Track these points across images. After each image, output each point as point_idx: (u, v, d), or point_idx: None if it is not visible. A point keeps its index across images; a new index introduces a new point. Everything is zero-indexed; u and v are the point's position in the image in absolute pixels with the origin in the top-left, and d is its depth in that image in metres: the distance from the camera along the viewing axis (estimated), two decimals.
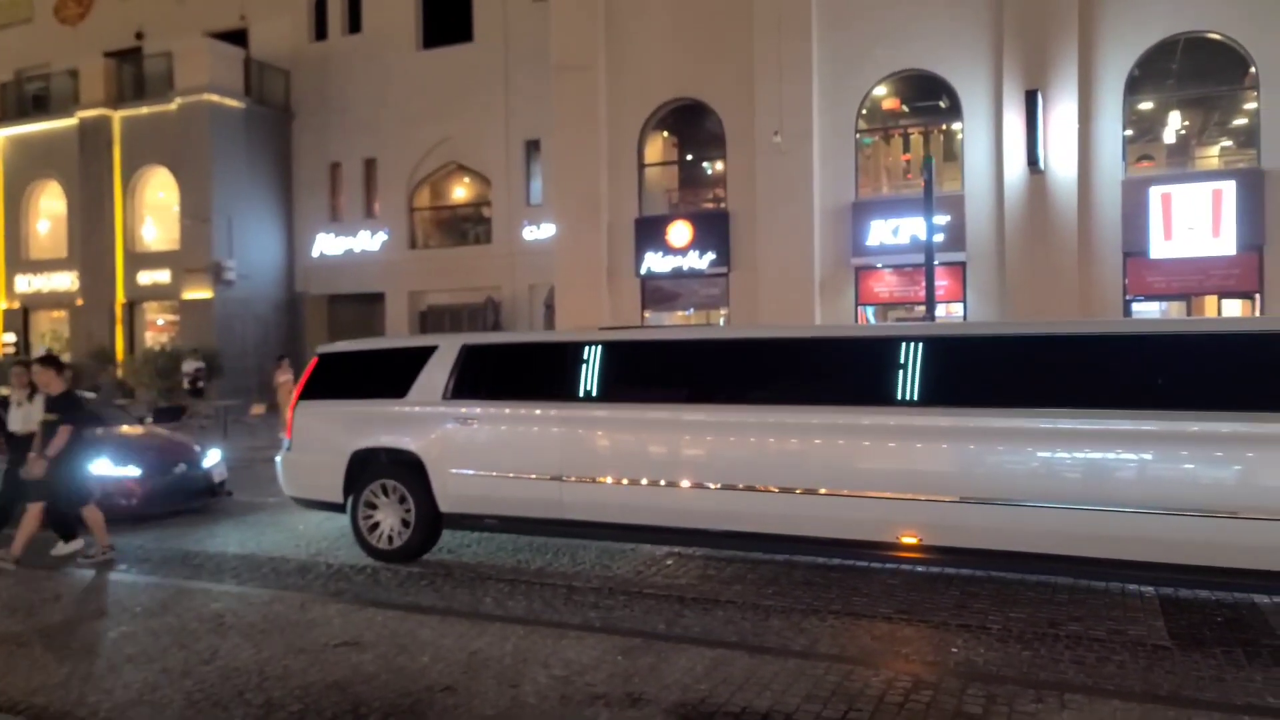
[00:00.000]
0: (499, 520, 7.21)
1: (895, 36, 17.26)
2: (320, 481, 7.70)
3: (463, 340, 7.50)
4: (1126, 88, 15.94)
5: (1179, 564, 5.34)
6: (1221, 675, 4.79)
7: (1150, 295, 16.06)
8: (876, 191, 18.33)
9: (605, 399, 6.83)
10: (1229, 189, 15.05)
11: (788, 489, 6.20)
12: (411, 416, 7.40)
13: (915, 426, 5.93)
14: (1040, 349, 5.98)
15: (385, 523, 7.43)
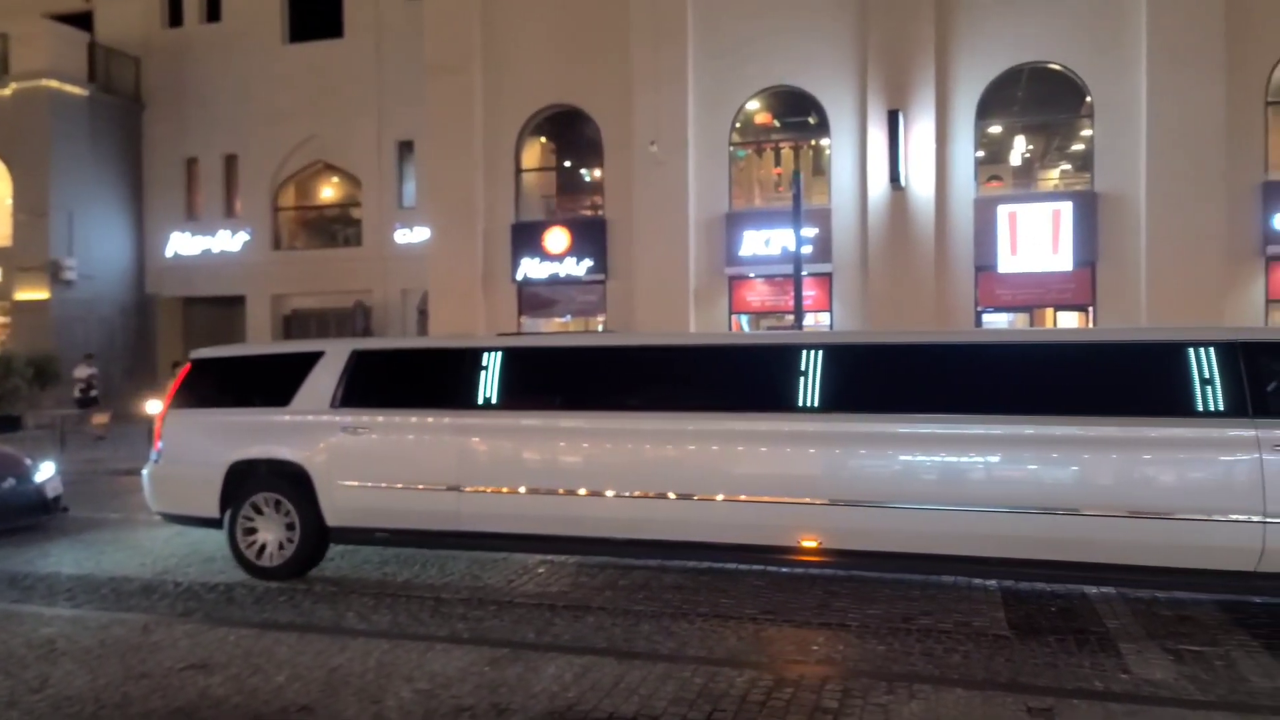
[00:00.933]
0: (391, 533, 6.99)
1: (767, 53, 17.78)
2: (193, 496, 7.30)
3: (351, 345, 7.29)
4: (978, 112, 16.93)
5: (1046, 560, 5.70)
6: (1055, 661, 5.13)
7: (999, 307, 17.09)
8: (749, 203, 18.82)
9: (505, 407, 6.72)
10: (1067, 209, 16.20)
11: (687, 495, 6.26)
12: (296, 425, 7.10)
13: (807, 432, 6.10)
14: (913, 356, 6.27)
15: (267, 538, 7.08)
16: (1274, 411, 5.34)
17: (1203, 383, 5.48)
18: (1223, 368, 5.44)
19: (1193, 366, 5.51)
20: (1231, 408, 5.39)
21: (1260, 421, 5.31)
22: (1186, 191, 15.40)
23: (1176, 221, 15.44)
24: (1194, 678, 4.84)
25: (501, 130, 19.54)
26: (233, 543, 7.18)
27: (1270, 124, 15.85)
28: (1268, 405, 5.35)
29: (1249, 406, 5.35)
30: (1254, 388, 5.37)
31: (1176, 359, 5.60)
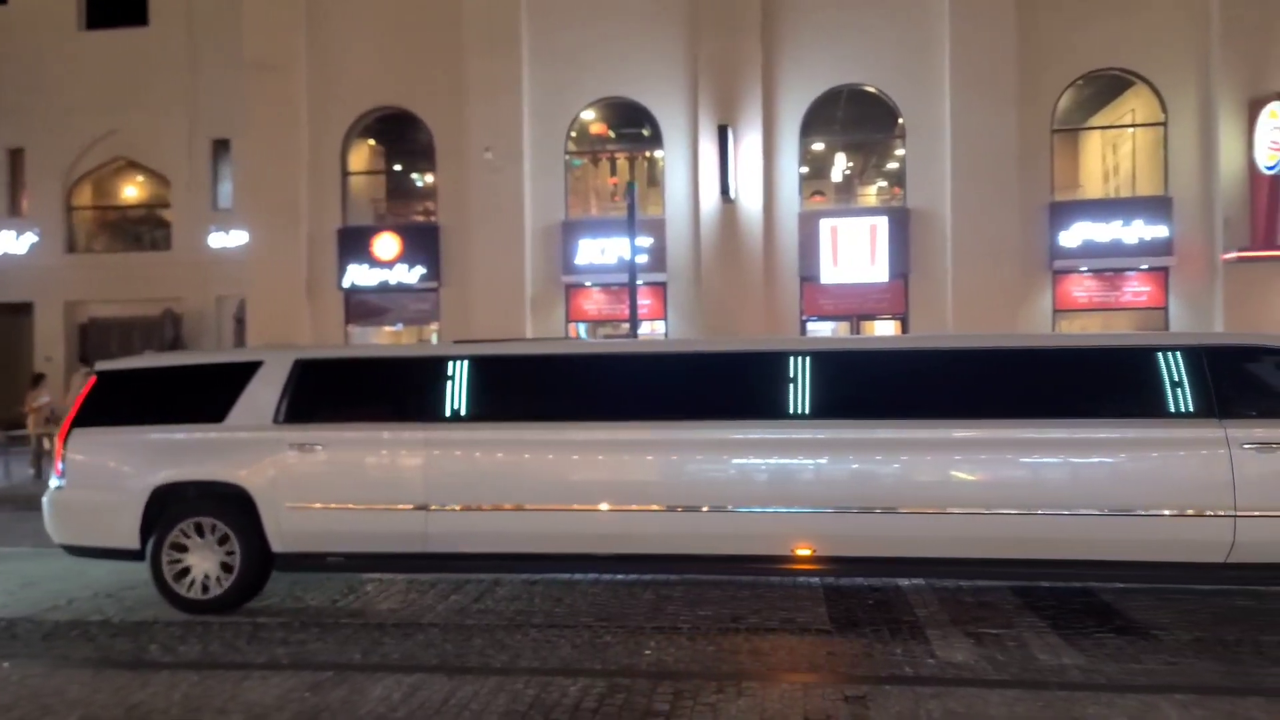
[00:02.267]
0: (346, 557, 6.49)
1: (602, 65, 17.97)
2: (107, 524, 6.54)
3: (294, 355, 6.72)
4: (802, 129, 17.74)
5: (1033, 559, 5.90)
6: (870, 651, 5.40)
7: (822, 316, 17.95)
8: (586, 212, 18.94)
9: (479, 419, 6.37)
10: (883, 224, 17.23)
11: (673, 508, 6.08)
12: (235, 443, 6.49)
13: (798, 440, 6.07)
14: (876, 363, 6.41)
15: (199, 568, 6.41)
16: (1240, 412, 5.69)
17: (1173, 386, 5.79)
18: (1191, 372, 5.76)
19: (1164, 371, 5.82)
20: (1202, 409, 5.70)
21: (1228, 422, 5.64)
22: (986, 210, 16.70)
23: (978, 237, 16.72)
24: (991, 659, 5.22)
25: (327, 131, 18.79)
26: (157, 575, 6.43)
27: (1056, 150, 17.45)
28: (1234, 407, 5.70)
29: (1217, 408, 5.68)
30: (1220, 390, 5.72)
31: (1152, 364, 5.88)
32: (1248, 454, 5.56)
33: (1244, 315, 15.83)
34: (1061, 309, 17.26)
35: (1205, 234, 16.52)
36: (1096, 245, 16.80)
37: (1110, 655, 5.24)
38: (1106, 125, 18.23)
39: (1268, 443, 5.57)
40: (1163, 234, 16.61)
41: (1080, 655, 5.25)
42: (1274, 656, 5.16)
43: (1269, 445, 5.56)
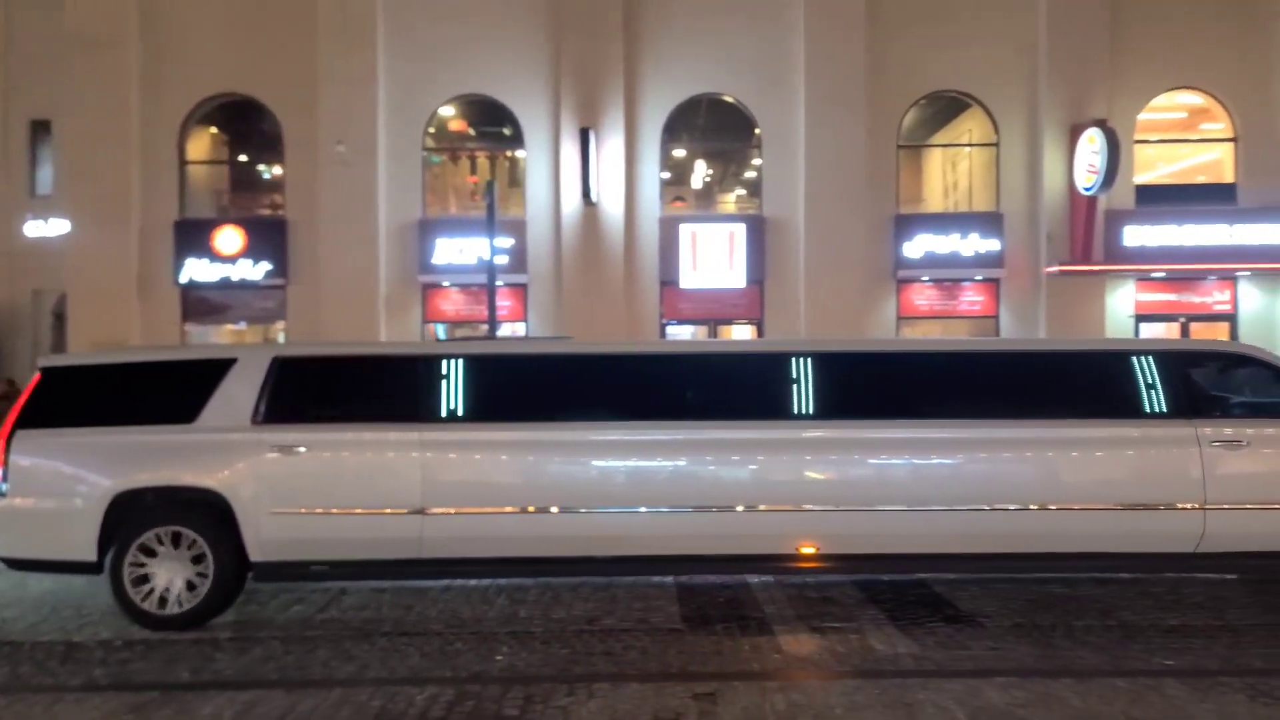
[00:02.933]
0: (332, 565, 6.15)
1: (462, 61, 17.67)
2: (59, 534, 5.99)
3: (272, 352, 6.40)
4: (663, 136, 17.99)
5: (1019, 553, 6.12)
6: (720, 648, 5.51)
7: (682, 320, 18.25)
8: (444, 210, 18.57)
9: (478, 419, 6.15)
10: (740, 231, 17.69)
11: (680, 508, 6.04)
12: (209, 445, 6.03)
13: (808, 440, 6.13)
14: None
15: (166, 581, 5.93)
16: (1209, 412, 6.15)
17: (1147, 388, 6.14)
18: (1166, 375, 6.13)
19: (1143, 375, 6.16)
20: (1175, 410, 6.07)
21: (1199, 421, 6.03)
22: (836, 220, 17.40)
23: (829, 246, 17.39)
24: (833, 651, 5.42)
25: (163, 116, 17.68)
26: (118, 589, 5.93)
27: (901, 165, 18.39)
28: (1203, 407, 6.15)
29: (1189, 409, 6.08)
30: (1191, 393, 6.15)
31: (1132, 368, 6.22)
32: (1216, 451, 5.96)
33: (1065, 323, 17.12)
34: (905, 316, 18.18)
35: (1031, 248, 17.76)
36: (937, 256, 17.79)
37: (940, 643, 5.54)
38: (946, 144, 19.34)
39: (1233, 440, 6.00)
40: (995, 247, 17.76)
41: (914, 644, 5.52)
42: (1084, 640, 5.58)
43: (1234, 443, 5.99)
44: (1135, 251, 17.33)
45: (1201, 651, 5.34)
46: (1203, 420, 6.07)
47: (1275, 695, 4.59)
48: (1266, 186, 17.45)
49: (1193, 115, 18.44)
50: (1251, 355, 6.60)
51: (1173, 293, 18.04)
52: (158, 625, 5.93)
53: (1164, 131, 18.56)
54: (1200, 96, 17.95)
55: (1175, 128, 18.66)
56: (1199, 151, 18.73)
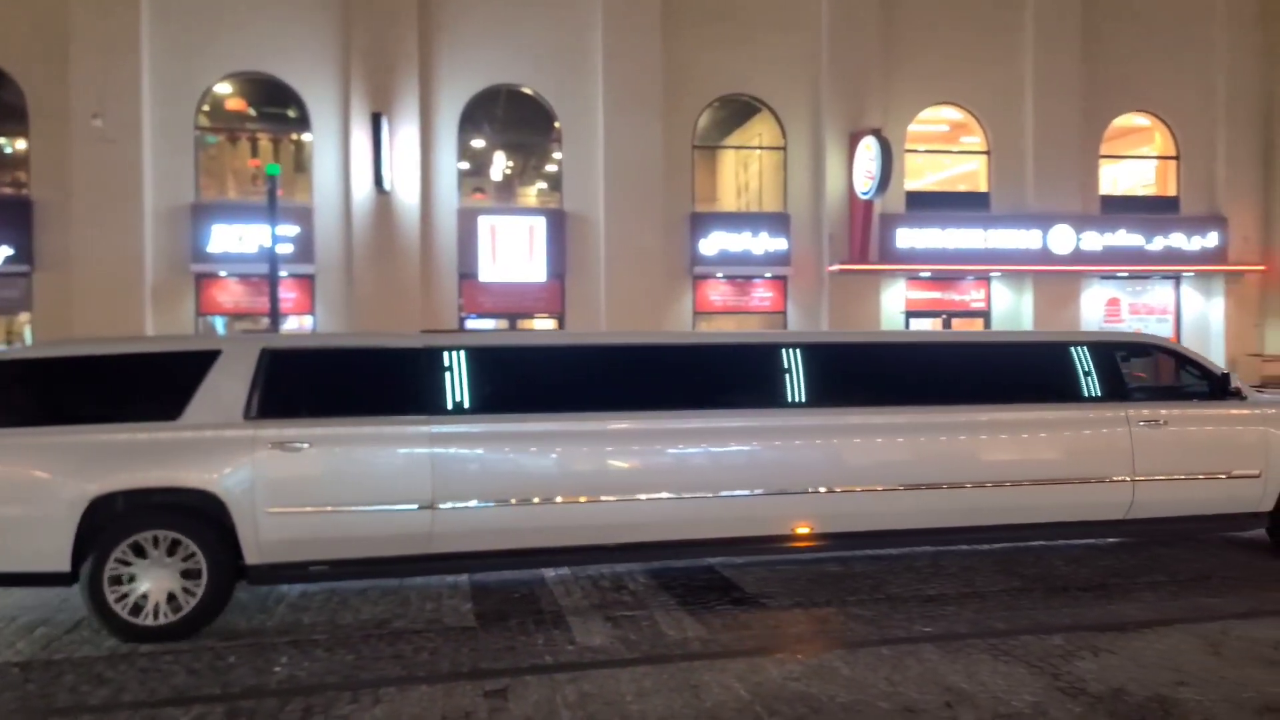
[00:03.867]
0: (332, 565, 5.87)
1: (241, 34, 16.54)
2: (25, 544, 5.48)
3: (259, 344, 6.01)
4: (461, 125, 17.62)
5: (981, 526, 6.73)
6: (514, 644, 5.44)
7: (482, 313, 17.98)
8: (221, 195, 17.32)
9: (487, 410, 6.05)
10: (540, 225, 17.64)
11: (685, 494, 6.17)
12: (199, 443, 5.65)
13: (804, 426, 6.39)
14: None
15: (153, 590, 5.53)
16: (1135, 396, 6.99)
17: (1085, 375, 6.92)
18: (1100, 363, 6.95)
19: (1079, 363, 6.95)
20: (1110, 394, 6.88)
21: (1128, 404, 6.86)
22: (635, 216, 17.73)
23: (628, 242, 17.69)
24: (625, 639, 5.49)
25: None
26: (98, 601, 5.47)
27: (696, 164, 18.97)
28: (1130, 391, 6.99)
29: (1121, 393, 6.91)
30: (1121, 378, 7.00)
31: (1072, 357, 6.99)
32: (1142, 430, 6.80)
33: (845, 319, 18.30)
34: (701, 311, 18.80)
35: (816, 248, 18.85)
36: (730, 254, 18.52)
37: (726, 625, 5.74)
38: (738, 145, 20.15)
39: (1154, 420, 6.87)
40: (783, 246, 18.71)
41: (701, 627, 5.69)
42: (854, 614, 5.96)
43: (1155, 422, 6.87)
44: (906, 252, 18.79)
45: (954, 617, 5.84)
46: (1131, 403, 6.92)
47: (1014, 654, 5.09)
48: (1014, 196, 19.43)
49: (954, 129, 20.22)
50: (1161, 345, 7.64)
51: (938, 290, 19.71)
52: (142, 637, 5.51)
53: (930, 143, 20.24)
54: (960, 112, 19.70)
55: (940, 140, 20.39)
56: (959, 162, 20.58)
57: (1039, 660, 4.97)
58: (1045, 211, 19.21)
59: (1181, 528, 7.22)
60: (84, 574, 5.48)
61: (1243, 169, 20.41)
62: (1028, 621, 5.71)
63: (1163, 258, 19.76)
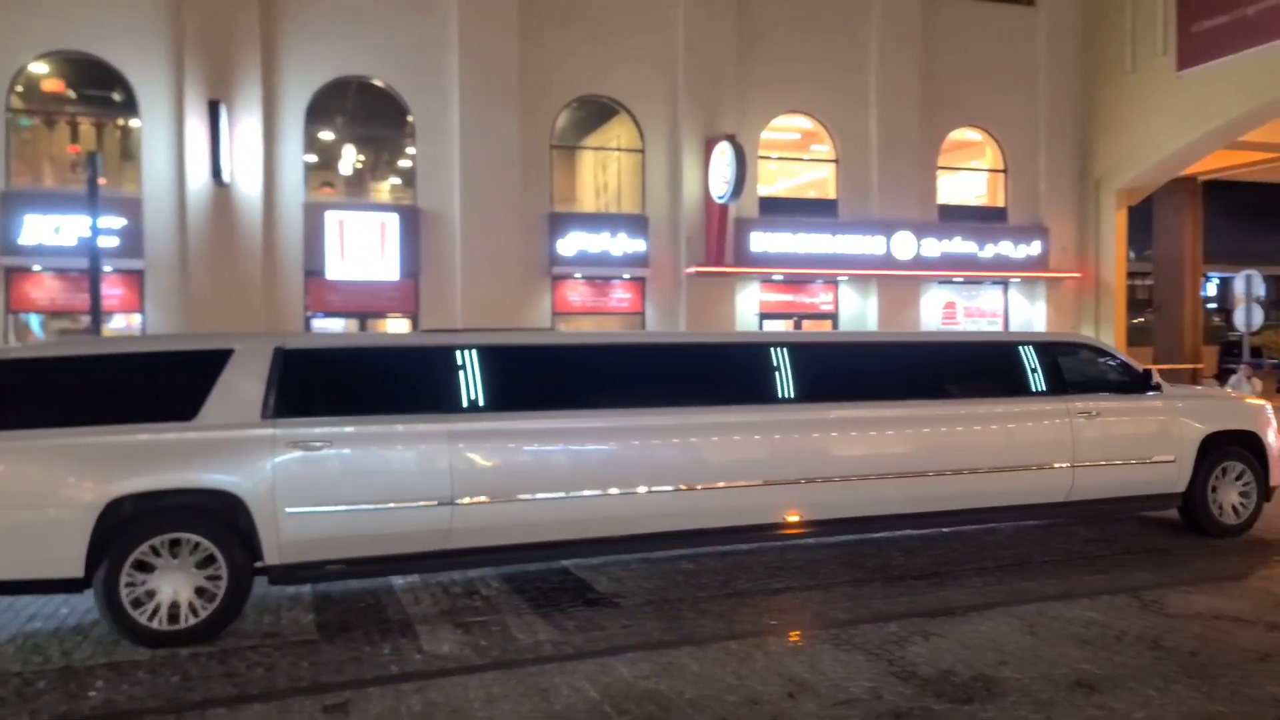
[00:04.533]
0: (348, 564, 5.87)
1: (57, 10, 15.26)
2: (35, 550, 5.31)
3: (272, 343, 5.95)
4: (308, 116, 16.88)
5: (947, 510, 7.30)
6: (358, 655, 5.23)
7: (330, 312, 17.28)
8: (36, 182, 15.94)
9: (503, 408, 6.17)
10: (393, 221, 17.11)
11: (690, 486, 6.44)
12: (218, 443, 5.60)
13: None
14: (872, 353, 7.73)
15: (170, 594, 5.44)
16: (1072, 390, 7.65)
17: (1032, 372, 7.61)
18: (1044, 361, 7.66)
19: (1025, 361, 7.64)
20: (1053, 389, 7.58)
21: (1068, 397, 7.56)
22: (492, 215, 17.46)
23: (485, 241, 17.40)
24: (475, 645, 5.37)
25: None
26: (113, 606, 5.34)
27: (555, 164, 18.87)
28: (1071, 387, 7.67)
29: (1061, 387, 7.60)
30: (1061, 374, 7.68)
31: (1020, 355, 7.69)
32: (1079, 421, 7.52)
33: (702, 320, 18.64)
34: (560, 312, 18.71)
35: (673, 250, 19.11)
36: (589, 255, 18.51)
37: (579, 626, 5.71)
38: (597, 146, 20.19)
39: (1088, 412, 7.58)
40: (641, 248, 18.86)
41: (554, 630, 5.64)
42: (705, 610, 6.05)
43: (1089, 414, 7.58)
44: (760, 256, 19.32)
45: (800, 609, 6.02)
46: (1069, 397, 7.62)
47: (854, 642, 5.29)
48: (860, 204, 20.31)
49: (805, 137, 20.94)
50: (1092, 345, 8.43)
51: (789, 293, 20.36)
52: (159, 642, 5.40)
53: (783, 150, 20.89)
54: (811, 122, 20.42)
55: (791, 147, 21.08)
56: (810, 170, 21.34)
57: (876, 647, 5.18)
58: (889, 219, 20.16)
59: (1112, 508, 7.97)
60: (98, 580, 5.34)
61: (1062, 183, 22.05)
62: (867, 611, 5.95)
63: (993, 264, 21.09)
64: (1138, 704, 4.34)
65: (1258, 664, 4.82)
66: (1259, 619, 5.59)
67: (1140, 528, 8.52)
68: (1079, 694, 4.47)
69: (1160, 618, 5.67)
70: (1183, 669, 4.78)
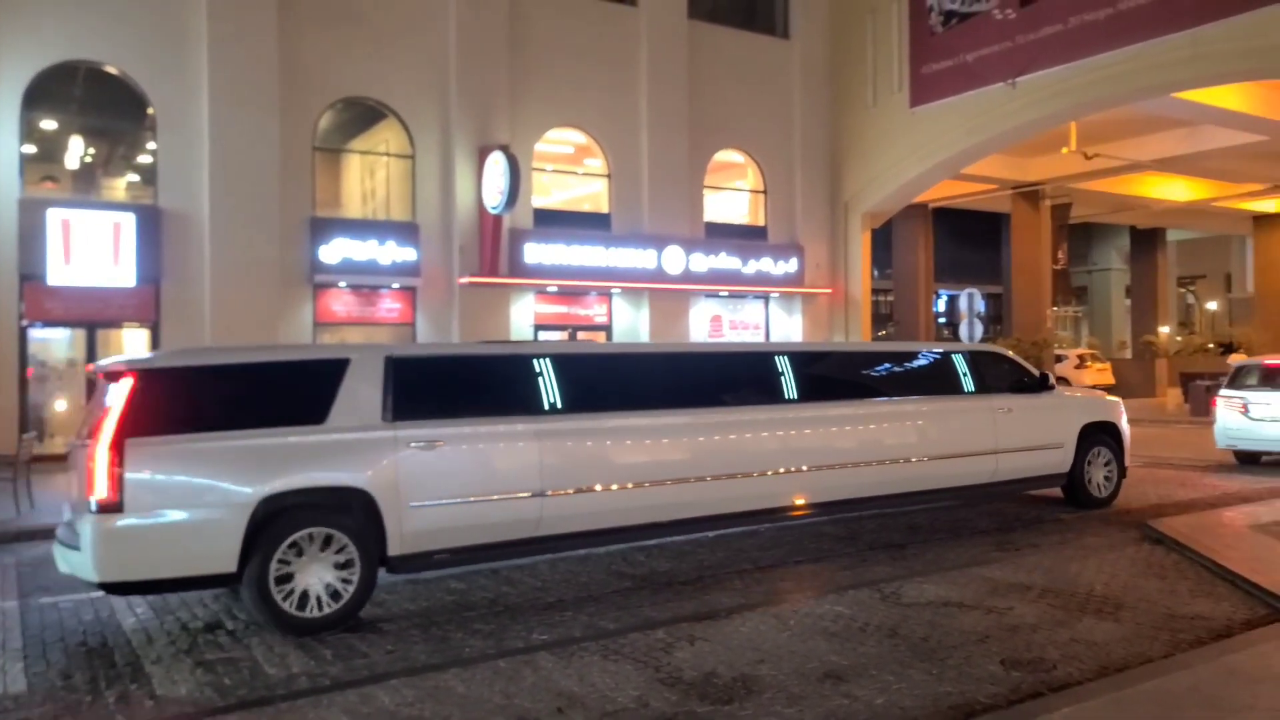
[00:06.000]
0: (453, 553, 6.45)
1: None
2: (199, 549, 5.60)
3: (382, 352, 6.47)
4: (25, 102, 14.99)
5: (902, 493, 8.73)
6: (76, 712, 4.63)
7: (51, 321, 15.39)
8: None
9: (579, 410, 6.94)
10: (129, 222, 15.48)
11: (755, 473, 7.67)
12: (348, 444, 6.05)
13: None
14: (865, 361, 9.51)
15: (312, 584, 5.81)
16: (991, 391, 9.26)
17: (962, 375, 9.19)
18: (973, 367, 9.30)
19: (960, 366, 9.24)
20: (979, 389, 9.19)
21: (989, 396, 9.21)
22: (247, 219, 16.27)
23: (238, 246, 16.19)
24: (218, 685, 4.92)
25: None
26: (264, 598, 5.67)
27: (319, 167, 17.89)
28: (989, 387, 9.29)
29: (985, 388, 9.23)
30: (985, 378, 9.33)
31: (954, 362, 9.28)
32: (998, 415, 9.15)
33: (476, 331, 18.33)
34: (323, 322, 17.73)
35: (446, 259, 18.67)
36: (355, 263, 17.67)
37: (339, 655, 5.39)
38: (364, 150, 19.37)
39: (1004, 409, 9.23)
40: (411, 257, 18.28)
41: (309, 661, 5.28)
42: (474, 629, 5.89)
43: (1005, 410, 9.24)
44: (534, 267, 19.30)
45: (570, 622, 6.00)
46: (992, 395, 9.28)
47: (622, 652, 5.33)
48: (632, 218, 20.82)
49: (579, 151, 21.20)
50: (1003, 354, 10.08)
51: (564, 305, 20.50)
52: (305, 629, 5.77)
53: (557, 162, 21.03)
54: (585, 136, 20.71)
55: (566, 160, 21.27)
56: (584, 183, 21.63)
57: (644, 655, 5.26)
58: (659, 234, 20.81)
59: (1022, 487, 9.60)
60: (250, 573, 5.68)
61: (815, 206, 23.72)
62: (636, 619, 6.03)
63: (755, 280, 22.31)
64: (878, 690, 4.67)
65: (978, 645, 5.34)
66: (979, 604, 6.21)
67: (881, 526, 9.26)
68: (828, 685, 4.75)
69: (898, 608, 6.16)
70: (916, 654, 5.21)
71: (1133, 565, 7.30)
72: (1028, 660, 5.07)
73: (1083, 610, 6.00)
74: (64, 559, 5.83)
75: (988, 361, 9.62)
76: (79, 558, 5.56)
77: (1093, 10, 18.30)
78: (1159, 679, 4.56)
